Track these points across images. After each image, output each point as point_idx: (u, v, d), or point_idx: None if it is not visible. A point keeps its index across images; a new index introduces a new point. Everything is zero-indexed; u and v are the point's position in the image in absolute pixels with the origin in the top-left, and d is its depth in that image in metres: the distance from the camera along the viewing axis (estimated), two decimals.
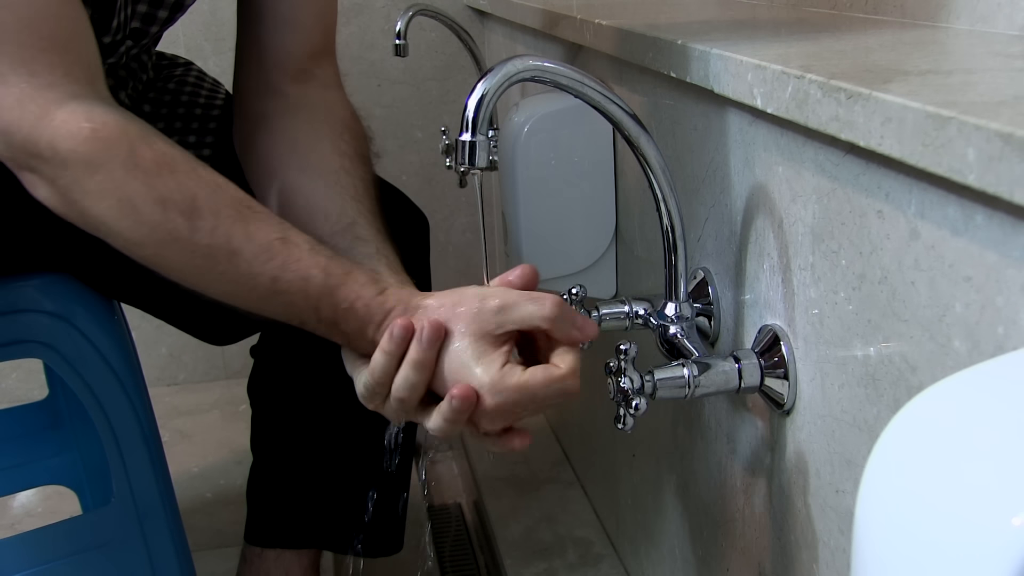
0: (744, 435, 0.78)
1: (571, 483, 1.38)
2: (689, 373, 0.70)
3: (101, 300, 0.97)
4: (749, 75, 0.65)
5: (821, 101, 0.56)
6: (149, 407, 0.98)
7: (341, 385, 1.02)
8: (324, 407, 1.04)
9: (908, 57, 0.63)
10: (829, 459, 0.64)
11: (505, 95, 0.67)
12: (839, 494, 0.63)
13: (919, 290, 0.52)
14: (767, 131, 0.67)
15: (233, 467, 1.56)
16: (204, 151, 1.00)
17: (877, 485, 0.35)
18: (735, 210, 0.75)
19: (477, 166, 0.64)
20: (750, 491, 0.78)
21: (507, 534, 1.27)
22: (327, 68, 0.90)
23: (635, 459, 1.10)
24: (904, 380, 0.55)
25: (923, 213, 0.51)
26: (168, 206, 0.68)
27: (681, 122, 0.84)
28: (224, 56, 1.77)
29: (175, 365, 1.89)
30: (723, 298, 0.79)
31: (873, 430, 0.58)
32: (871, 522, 0.35)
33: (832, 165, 0.59)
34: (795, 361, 0.67)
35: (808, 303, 0.64)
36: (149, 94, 1.01)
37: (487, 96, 0.64)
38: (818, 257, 0.62)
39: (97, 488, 1.07)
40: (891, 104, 0.49)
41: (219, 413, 1.78)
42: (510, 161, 1.03)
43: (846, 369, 0.60)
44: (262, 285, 0.70)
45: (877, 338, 0.57)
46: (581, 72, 0.68)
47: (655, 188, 0.71)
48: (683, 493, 0.95)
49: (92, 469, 1.09)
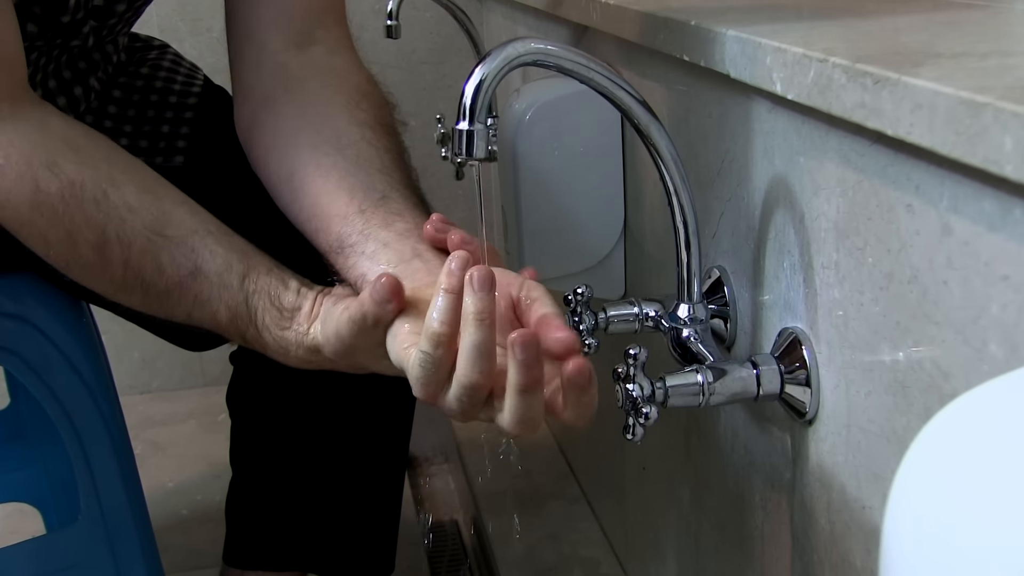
0: (762, 447, 0.78)
1: (576, 498, 1.38)
2: (703, 379, 0.70)
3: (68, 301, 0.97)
4: (768, 58, 0.65)
5: (846, 86, 0.56)
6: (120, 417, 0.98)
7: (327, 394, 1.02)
8: (309, 417, 1.04)
9: (940, 38, 0.64)
10: (855, 473, 0.64)
11: (505, 80, 0.67)
12: (866, 510, 0.63)
13: (952, 290, 0.52)
14: (787, 119, 0.68)
15: (211, 482, 1.56)
16: (178, 142, 1.00)
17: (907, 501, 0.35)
18: (753, 204, 0.75)
19: (475, 157, 0.64)
20: (769, 507, 0.78)
21: (507, 553, 1.27)
22: (333, 29, 0.86)
23: (645, 472, 1.10)
24: (936, 387, 0.55)
25: (956, 207, 0.51)
26: (78, 240, 0.71)
27: (695, 109, 0.84)
28: (201, 38, 1.77)
29: (148, 372, 1.89)
30: (740, 299, 0.79)
31: (902, 441, 0.58)
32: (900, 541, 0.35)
33: (857, 156, 0.59)
34: (818, 367, 0.67)
35: (832, 304, 0.64)
36: (120, 78, 1.01)
37: (486, 82, 0.64)
38: (842, 255, 0.62)
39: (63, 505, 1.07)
40: (922, 89, 0.49)
41: (196, 423, 1.78)
42: (511, 151, 1.03)
43: (873, 375, 0.60)
44: (180, 316, 0.73)
45: (906, 342, 0.57)
46: (587, 56, 0.68)
47: (666, 181, 0.71)
48: (697, 509, 0.95)
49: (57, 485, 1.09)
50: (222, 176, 0.98)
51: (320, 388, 0.98)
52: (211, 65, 1.18)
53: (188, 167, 0.99)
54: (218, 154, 1.00)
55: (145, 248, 0.71)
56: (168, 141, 1.00)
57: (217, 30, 1.77)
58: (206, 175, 0.98)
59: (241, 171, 0.92)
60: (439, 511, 1.53)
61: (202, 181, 0.96)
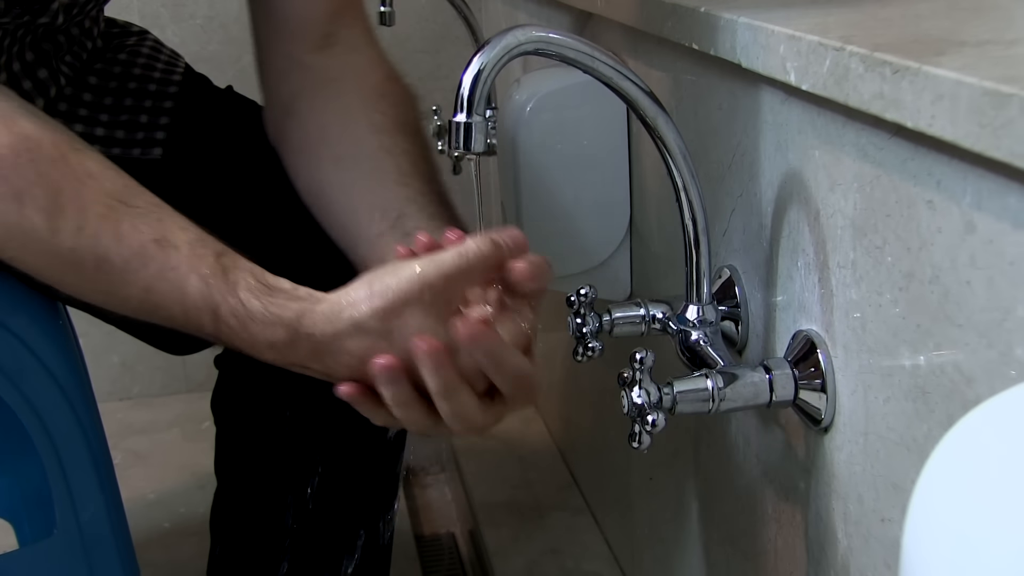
0: (776, 456, 0.78)
1: (580, 510, 1.38)
2: (713, 385, 0.70)
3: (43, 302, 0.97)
4: (782, 47, 0.65)
5: (863, 76, 0.56)
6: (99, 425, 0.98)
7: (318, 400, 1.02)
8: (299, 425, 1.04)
9: (964, 25, 0.64)
10: (873, 483, 0.64)
11: (505, 70, 0.67)
12: (884, 523, 0.63)
13: (976, 290, 0.52)
14: (802, 111, 0.68)
15: (195, 493, 1.56)
16: (157, 133, 1.00)
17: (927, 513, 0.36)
18: (765, 200, 0.75)
19: (473, 151, 0.64)
20: (783, 520, 0.78)
21: (507, 568, 1.27)
22: (353, 27, 0.89)
23: (652, 483, 1.10)
24: (958, 393, 0.55)
25: (980, 203, 0.51)
26: (26, 202, 0.67)
27: (705, 101, 0.84)
28: (184, 24, 1.77)
29: (129, 376, 1.89)
30: (752, 300, 0.79)
31: (923, 450, 0.58)
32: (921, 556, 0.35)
33: (876, 149, 0.59)
34: (834, 371, 0.67)
35: (848, 306, 0.64)
36: (96, 65, 1.01)
37: (484, 71, 0.64)
38: (860, 253, 0.62)
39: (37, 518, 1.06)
40: (943, 79, 0.49)
41: (179, 431, 1.78)
42: (510, 145, 1.03)
43: (892, 381, 0.61)
44: (135, 296, 0.69)
45: (927, 345, 0.57)
46: (591, 44, 0.68)
47: (675, 176, 0.72)
48: (706, 522, 0.95)
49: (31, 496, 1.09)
50: (204, 170, 0.98)
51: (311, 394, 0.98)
52: (194, 53, 1.18)
53: (168, 160, 0.99)
54: (200, 147, 1.00)
55: (104, 215, 0.68)
56: (147, 132, 1.00)
57: (201, 17, 1.77)
58: (187, 169, 0.98)
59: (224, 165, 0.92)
60: (435, 523, 1.53)
61: (182, 175, 0.96)
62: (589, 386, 1.34)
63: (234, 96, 1.06)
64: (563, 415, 1.52)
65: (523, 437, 1.57)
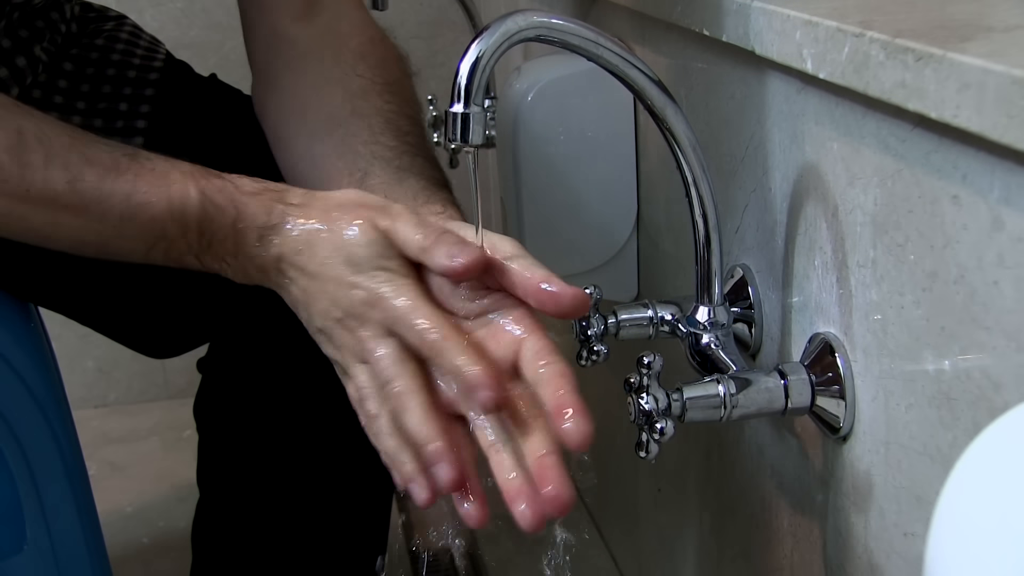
0: (791, 466, 0.78)
1: (584, 524, 1.38)
2: (725, 391, 0.70)
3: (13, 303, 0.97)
4: (797, 33, 0.65)
5: (884, 64, 0.56)
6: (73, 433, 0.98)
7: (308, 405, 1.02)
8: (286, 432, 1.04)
9: (992, 9, 0.64)
10: (895, 495, 0.64)
11: (505, 58, 0.67)
12: (907, 537, 0.63)
13: (1003, 291, 0.52)
14: (819, 100, 0.68)
15: (175, 506, 1.56)
16: (138, 122, 1.00)
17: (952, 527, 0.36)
18: (780, 196, 0.75)
19: (471, 143, 0.64)
20: (799, 534, 0.78)
21: None
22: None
23: (660, 495, 1.10)
24: (985, 399, 0.55)
25: (1008, 199, 0.51)
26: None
27: (716, 90, 0.84)
28: (163, 8, 1.77)
29: (105, 382, 1.89)
30: (766, 301, 0.79)
31: (947, 459, 0.59)
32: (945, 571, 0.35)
33: (898, 141, 0.59)
34: (853, 377, 0.67)
35: (868, 307, 0.65)
36: (71, 50, 1.01)
37: (483, 59, 0.64)
38: (880, 252, 0.63)
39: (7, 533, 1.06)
40: (969, 67, 0.50)
41: (158, 440, 1.78)
42: (511, 137, 1.03)
43: (915, 386, 0.61)
44: (115, 207, 0.71)
45: (952, 349, 0.57)
46: (595, 30, 0.69)
47: (684, 170, 0.72)
48: (718, 536, 0.95)
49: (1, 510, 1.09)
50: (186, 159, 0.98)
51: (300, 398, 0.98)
52: (174, 39, 1.18)
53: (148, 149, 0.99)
54: (183, 138, 1.00)
55: (69, 144, 0.71)
56: (126, 120, 1.00)
57: (181, 0, 1.77)
58: None
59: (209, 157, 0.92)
60: (431, 538, 1.53)
61: None
62: (594, 393, 1.34)
63: (218, 84, 1.06)
64: None
65: None
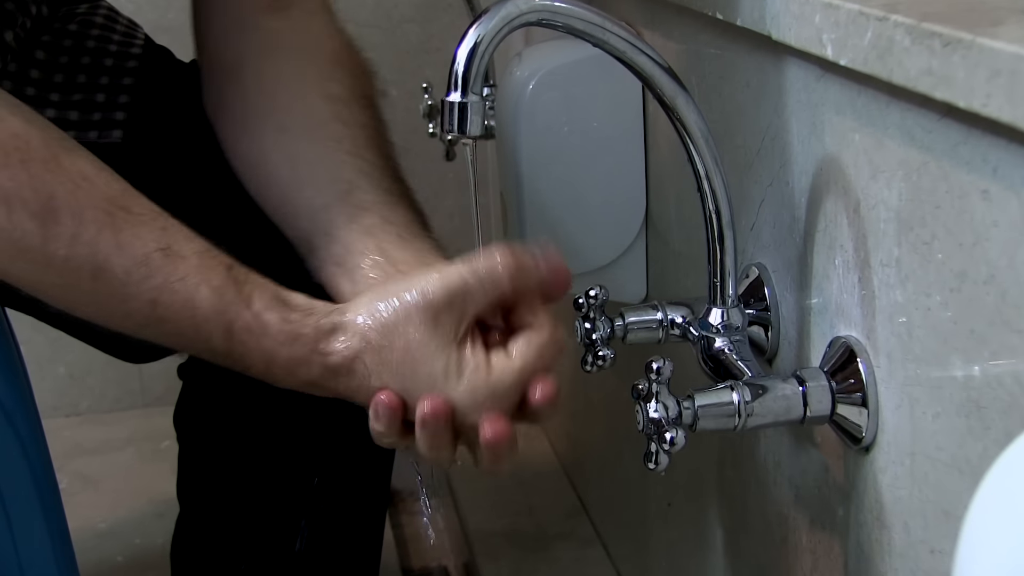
0: (811, 478, 0.78)
1: (589, 540, 1.38)
2: (739, 398, 0.70)
3: None
4: (817, 17, 0.65)
5: (909, 50, 0.56)
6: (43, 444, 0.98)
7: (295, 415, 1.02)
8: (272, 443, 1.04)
9: None
10: (921, 509, 0.64)
11: (505, 43, 0.68)
12: (934, 555, 0.63)
13: None
14: (840, 88, 0.68)
15: (152, 521, 1.56)
16: (116, 113, 1.00)
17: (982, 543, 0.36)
18: (798, 190, 0.75)
19: (469, 134, 0.65)
20: (819, 551, 0.78)
21: None
22: None
23: (671, 509, 1.10)
24: (1017, 407, 0.55)
25: None
26: (15, 206, 0.69)
27: (730, 78, 0.84)
28: None
29: (77, 390, 1.89)
30: (783, 303, 0.79)
31: (977, 472, 0.59)
32: None
33: (924, 132, 0.60)
34: (876, 383, 0.67)
35: (892, 309, 0.65)
36: (43, 36, 1.01)
37: (482, 45, 0.64)
38: (905, 250, 0.63)
39: None
40: (1000, 53, 0.50)
41: (135, 451, 1.78)
42: (511, 128, 1.03)
43: (942, 394, 0.61)
44: (139, 311, 0.71)
45: (982, 354, 0.57)
46: (602, 14, 0.69)
47: (696, 163, 0.72)
48: (732, 553, 0.95)
49: None
50: (169, 154, 0.98)
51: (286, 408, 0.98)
52: (152, 22, 1.18)
53: (129, 143, 0.99)
54: (164, 128, 1.00)
55: (103, 221, 0.70)
56: (104, 112, 1.00)
57: None
58: (150, 152, 0.98)
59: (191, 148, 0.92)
60: (425, 556, 1.54)
61: (145, 160, 0.96)
62: (599, 400, 1.34)
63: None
64: (570, 433, 1.53)
65: (525, 457, 1.57)
